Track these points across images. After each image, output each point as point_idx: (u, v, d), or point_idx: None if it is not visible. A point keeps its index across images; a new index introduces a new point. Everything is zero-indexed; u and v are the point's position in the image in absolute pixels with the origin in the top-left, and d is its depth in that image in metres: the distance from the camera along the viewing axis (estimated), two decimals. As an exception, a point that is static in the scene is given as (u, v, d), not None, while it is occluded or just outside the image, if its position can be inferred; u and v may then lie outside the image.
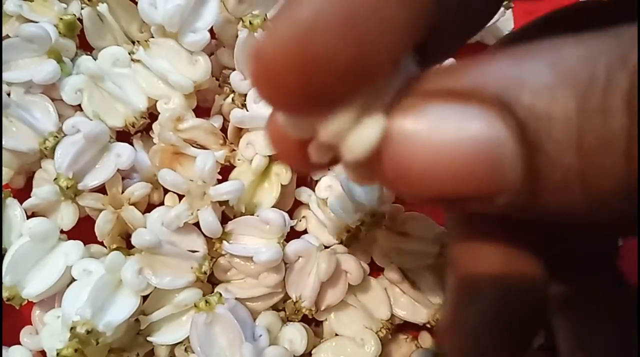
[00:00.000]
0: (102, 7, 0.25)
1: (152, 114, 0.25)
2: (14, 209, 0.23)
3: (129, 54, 0.24)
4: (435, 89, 0.10)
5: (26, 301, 0.23)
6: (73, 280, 0.23)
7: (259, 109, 0.24)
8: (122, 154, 0.23)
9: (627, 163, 0.09)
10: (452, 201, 0.10)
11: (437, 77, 0.10)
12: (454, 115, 0.10)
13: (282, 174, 0.25)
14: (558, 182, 0.09)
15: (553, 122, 0.09)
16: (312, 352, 0.24)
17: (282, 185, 0.25)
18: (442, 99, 0.10)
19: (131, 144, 0.24)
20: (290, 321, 0.24)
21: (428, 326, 0.24)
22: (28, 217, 0.24)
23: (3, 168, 0.24)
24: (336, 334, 0.25)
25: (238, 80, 0.25)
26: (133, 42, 0.26)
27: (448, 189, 0.10)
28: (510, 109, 0.09)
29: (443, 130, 0.10)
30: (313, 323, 0.25)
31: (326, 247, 0.24)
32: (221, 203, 0.23)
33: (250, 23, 0.24)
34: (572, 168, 0.09)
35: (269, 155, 0.25)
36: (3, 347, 0.23)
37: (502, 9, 0.27)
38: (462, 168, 0.10)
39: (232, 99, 0.25)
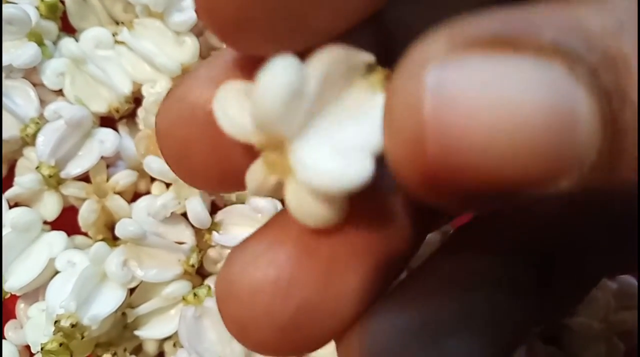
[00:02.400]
0: (85, -13, 0.24)
1: (138, 99, 0.24)
2: (-5, 199, 0.23)
3: (113, 35, 0.23)
4: (476, 34, 0.07)
5: (9, 294, 0.22)
6: (57, 272, 0.22)
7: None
8: (106, 140, 0.22)
9: None
10: (506, 191, 0.07)
11: (476, 20, 0.07)
12: (506, 68, 0.07)
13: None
14: None
15: (635, 64, 0.07)
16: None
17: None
18: (487, 47, 0.07)
19: (116, 130, 0.23)
20: (284, 313, 0.23)
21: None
22: (11, 207, 0.23)
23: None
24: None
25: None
26: (117, 23, 0.25)
27: (507, 171, 0.07)
28: (577, 56, 0.07)
29: (493, 89, 0.07)
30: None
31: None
32: (211, 193, 0.22)
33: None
34: None
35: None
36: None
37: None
38: (525, 138, 0.07)
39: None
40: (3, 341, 0.23)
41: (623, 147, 0.07)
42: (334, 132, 0.09)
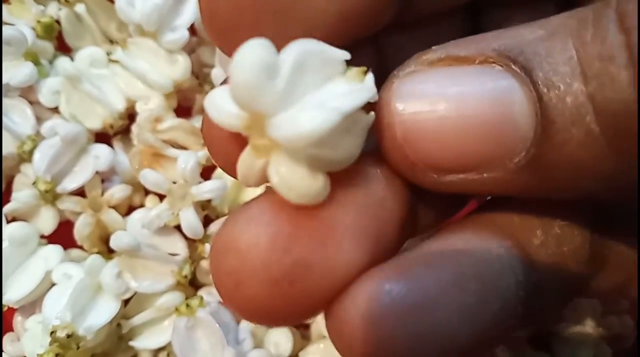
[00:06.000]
0: (80, 8, 0.24)
1: (132, 115, 0.24)
2: (-7, 214, 0.23)
3: (107, 54, 0.24)
4: (439, 57, 0.11)
5: (7, 307, 0.22)
6: (53, 285, 0.22)
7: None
8: (100, 155, 0.23)
9: (631, 72, 0.09)
10: (468, 166, 0.10)
11: (438, 48, 0.11)
12: (461, 75, 0.10)
13: (266, 173, 0.24)
14: (570, 114, 0.09)
15: (556, 59, 0.09)
16: (299, 355, 0.24)
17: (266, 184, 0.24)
18: (446, 63, 0.10)
19: (111, 146, 0.24)
20: (277, 323, 0.24)
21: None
22: (9, 222, 0.23)
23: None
24: (324, 337, 0.24)
25: (220, 77, 0.24)
26: (112, 42, 0.25)
27: (464, 150, 0.10)
28: (513, 59, 0.10)
29: (451, 91, 0.10)
30: (301, 326, 0.25)
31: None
32: (204, 206, 0.23)
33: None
34: (581, 93, 0.09)
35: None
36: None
37: None
38: (477, 124, 0.10)
39: (213, 98, 0.24)
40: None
41: (553, 116, 0.09)
42: (308, 101, 0.10)
